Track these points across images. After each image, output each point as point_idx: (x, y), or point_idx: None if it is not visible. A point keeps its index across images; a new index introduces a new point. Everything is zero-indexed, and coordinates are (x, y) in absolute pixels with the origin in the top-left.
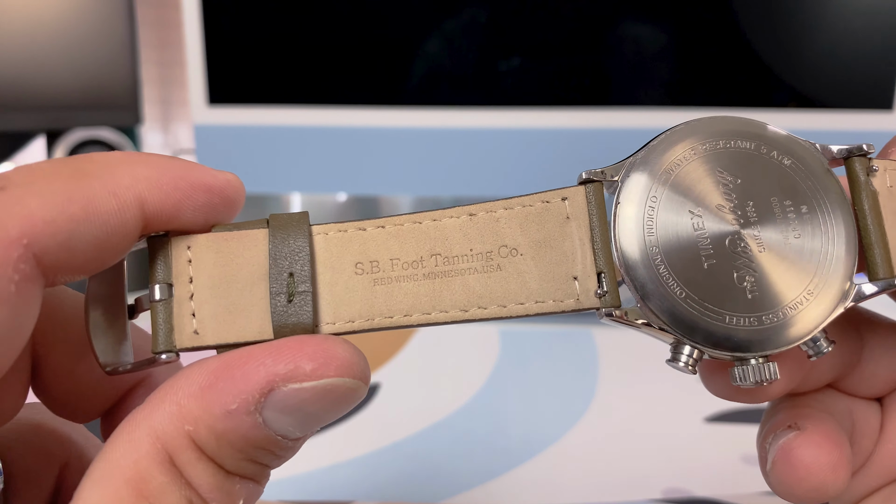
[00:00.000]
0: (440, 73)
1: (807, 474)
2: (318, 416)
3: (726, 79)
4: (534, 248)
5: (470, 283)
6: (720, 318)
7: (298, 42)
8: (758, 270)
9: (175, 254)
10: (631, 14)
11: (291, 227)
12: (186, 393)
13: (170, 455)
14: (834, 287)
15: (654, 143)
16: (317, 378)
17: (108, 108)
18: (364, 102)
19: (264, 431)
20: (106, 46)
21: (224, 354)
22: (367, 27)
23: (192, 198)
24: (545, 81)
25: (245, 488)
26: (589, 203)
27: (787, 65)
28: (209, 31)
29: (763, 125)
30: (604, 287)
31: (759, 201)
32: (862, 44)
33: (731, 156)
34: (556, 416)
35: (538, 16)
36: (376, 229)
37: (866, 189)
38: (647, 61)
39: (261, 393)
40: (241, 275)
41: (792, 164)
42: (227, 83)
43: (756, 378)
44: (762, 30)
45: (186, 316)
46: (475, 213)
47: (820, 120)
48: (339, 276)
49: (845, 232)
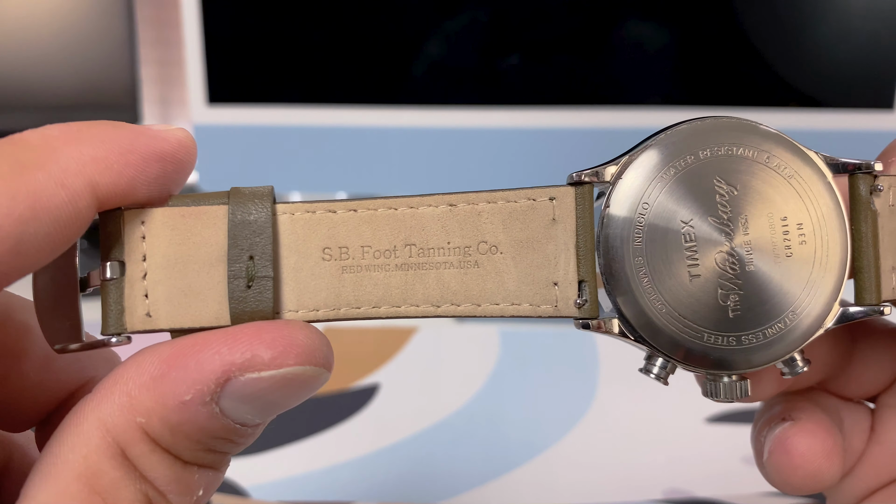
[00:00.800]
0: (441, 72)
1: (802, 461)
2: (278, 404)
3: (727, 78)
4: (515, 248)
5: (445, 278)
6: (698, 335)
7: (298, 41)
8: (744, 289)
9: (128, 230)
10: (632, 13)
11: (253, 205)
12: (137, 383)
13: (122, 448)
14: (818, 308)
15: (652, 143)
16: (275, 367)
17: (107, 107)
18: (364, 102)
19: (221, 421)
20: (105, 45)
21: (177, 341)
22: (367, 26)
23: (145, 172)
24: (546, 81)
25: (204, 477)
26: (577, 206)
27: (788, 64)
28: (208, 30)
29: (767, 130)
30: (584, 296)
31: (754, 215)
32: (863, 43)
33: (730, 164)
34: (556, 416)
35: (539, 14)
36: (347, 213)
37: (866, 210)
38: (648, 60)
39: (216, 383)
40: (199, 254)
41: (792, 176)
42: (227, 83)
43: (726, 396)
44: (763, 29)
45: (139, 297)
46: (455, 204)
47: (821, 119)
48: (304, 261)
49: (839, 252)
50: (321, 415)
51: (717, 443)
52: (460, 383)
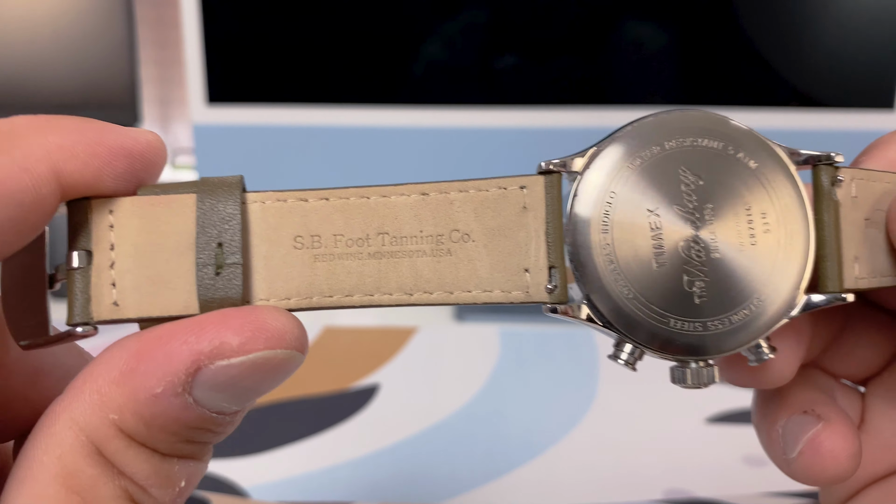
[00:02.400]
0: (441, 71)
1: (833, 463)
2: (253, 390)
3: (727, 78)
4: (487, 236)
5: (418, 267)
6: (664, 321)
7: (297, 41)
8: (709, 276)
9: (95, 219)
10: (632, 13)
11: (222, 193)
12: (107, 379)
13: (97, 446)
14: (782, 296)
15: (619, 135)
16: (245, 353)
17: (106, 107)
18: (364, 101)
19: (196, 411)
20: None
21: (144, 333)
22: (367, 26)
23: (111, 165)
24: (546, 81)
25: (185, 468)
26: (547, 195)
27: (789, 64)
28: (208, 30)
29: (732, 123)
30: (554, 282)
31: (719, 204)
32: (863, 43)
33: (696, 155)
34: (556, 416)
35: (538, 15)
36: (319, 201)
37: (828, 200)
38: (647, 60)
39: (186, 373)
40: (168, 243)
41: (757, 168)
42: (226, 82)
43: (693, 382)
44: (763, 29)
45: (105, 286)
46: (428, 193)
47: (821, 119)
48: (275, 250)
49: (802, 241)
50: (321, 415)
51: (717, 443)
52: (460, 383)
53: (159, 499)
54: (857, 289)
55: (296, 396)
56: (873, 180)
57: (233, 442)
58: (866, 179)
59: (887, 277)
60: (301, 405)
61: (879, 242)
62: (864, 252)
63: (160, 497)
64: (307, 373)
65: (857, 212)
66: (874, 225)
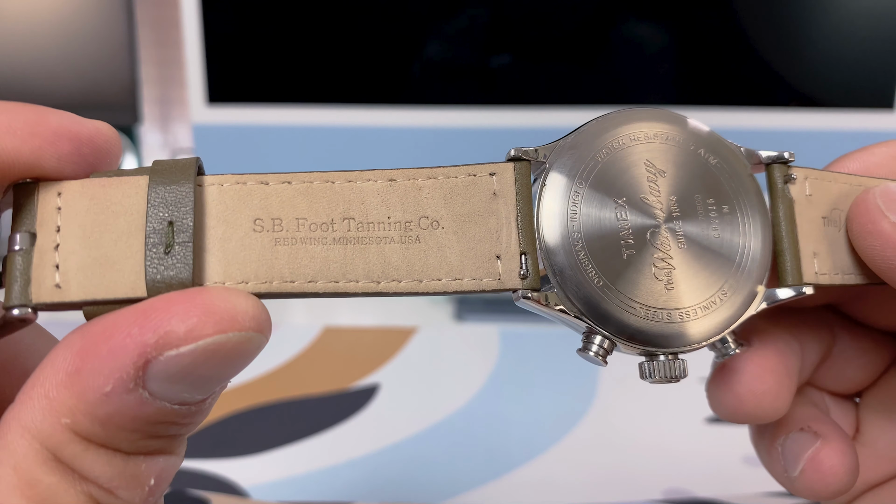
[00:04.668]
0: (440, 72)
1: (834, 479)
2: (212, 377)
3: (727, 78)
4: (457, 223)
5: (385, 253)
6: (634, 310)
7: (297, 41)
8: (676, 266)
9: (42, 199)
10: (631, 13)
11: (176, 174)
12: (54, 382)
13: (52, 452)
14: (747, 289)
15: (585, 128)
16: (193, 340)
17: (106, 107)
18: (364, 101)
19: (155, 405)
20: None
21: (86, 327)
22: (367, 26)
23: (54, 145)
24: (545, 81)
25: (154, 465)
26: (517, 182)
27: (789, 64)
28: (208, 30)
29: (692, 122)
30: (525, 268)
31: (683, 197)
32: (863, 43)
33: (660, 149)
34: (556, 416)
35: (538, 15)
36: (281, 184)
37: (782, 196)
38: (647, 60)
39: (135, 367)
40: (117, 224)
41: (717, 164)
42: (226, 82)
43: (663, 374)
44: (763, 29)
45: (48, 267)
46: (395, 179)
47: (821, 119)
48: (233, 232)
49: (762, 236)
50: (321, 415)
51: (717, 443)
52: (460, 383)
53: (128, 500)
54: (819, 283)
55: (296, 396)
56: (828, 181)
57: (233, 442)
58: (821, 179)
59: (850, 275)
60: (301, 405)
61: (840, 241)
62: (824, 249)
63: (129, 498)
64: (307, 373)
65: (813, 210)
66: (833, 224)
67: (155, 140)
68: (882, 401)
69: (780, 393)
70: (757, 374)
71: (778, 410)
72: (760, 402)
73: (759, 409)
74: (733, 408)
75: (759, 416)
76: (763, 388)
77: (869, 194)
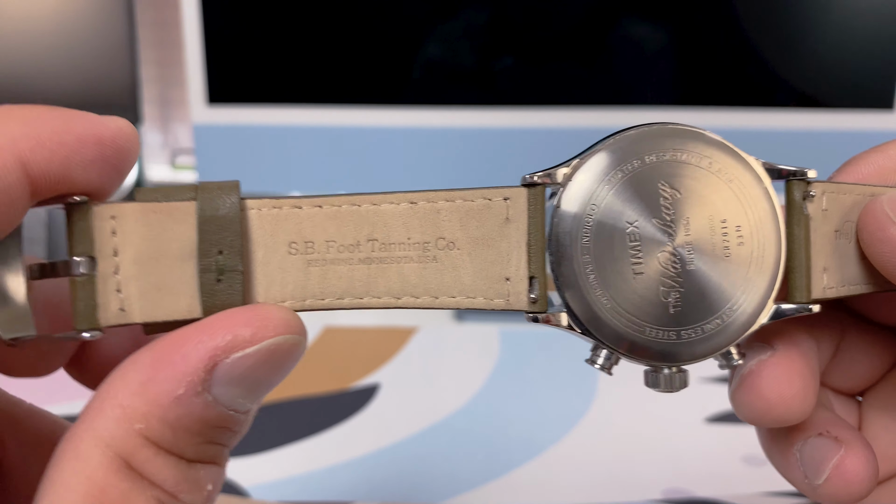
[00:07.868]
0: (440, 72)
1: (861, 488)
2: (265, 381)
3: (727, 78)
4: (471, 244)
5: (405, 272)
6: (640, 329)
7: (298, 41)
8: (684, 287)
9: (98, 224)
10: (631, 13)
11: (221, 200)
12: (127, 392)
13: (125, 459)
14: (753, 305)
15: (600, 147)
16: (258, 341)
17: (107, 107)
18: (364, 102)
19: (217, 409)
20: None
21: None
22: (367, 26)
23: (80, 153)
24: (544, 81)
25: (210, 473)
26: (530, 207)
27: (789, 64)
28: (208, 30)
29: (710, 138)
30: (534, 292)
31: (696, 217)
32: (863, 43)
33: (675, 169)
34: (556, 416)
35: (537, 15)
36: (313, 209)
37: (800, 214)
38: (646, 61)
39: (206, 370)
40: (170, 250)
41: (733, 181)
42: (227, 82)
43: (666, 387)
44: (763, 29)
45: (112, 292)
46: (416, 202)
47: (821, 119)
48: (272, 255)
49: (774, 253)
50: (321, 415)
51: (717, 443)
52: (460, 383)
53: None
54: (826, 298)
55: (296, 396)
56: (843, 193)
57: None
58: (836, 192)
59: (856, 286)
60: (301, 405)
61: (849, 252)
62: (833, 263)
63: (190, 501)
64: (307, 373)
65: (828, 224)
66: (844, 236)
67: (155, 140)
68: (885, 399)
69: (807, 395)
70: (785, 379)
71: (805, 413)
72: (790, 406)
73: (789, 413)
74: (762, 412)
75: (787, 419)
76: (792, 391)
77: (877, 203)
